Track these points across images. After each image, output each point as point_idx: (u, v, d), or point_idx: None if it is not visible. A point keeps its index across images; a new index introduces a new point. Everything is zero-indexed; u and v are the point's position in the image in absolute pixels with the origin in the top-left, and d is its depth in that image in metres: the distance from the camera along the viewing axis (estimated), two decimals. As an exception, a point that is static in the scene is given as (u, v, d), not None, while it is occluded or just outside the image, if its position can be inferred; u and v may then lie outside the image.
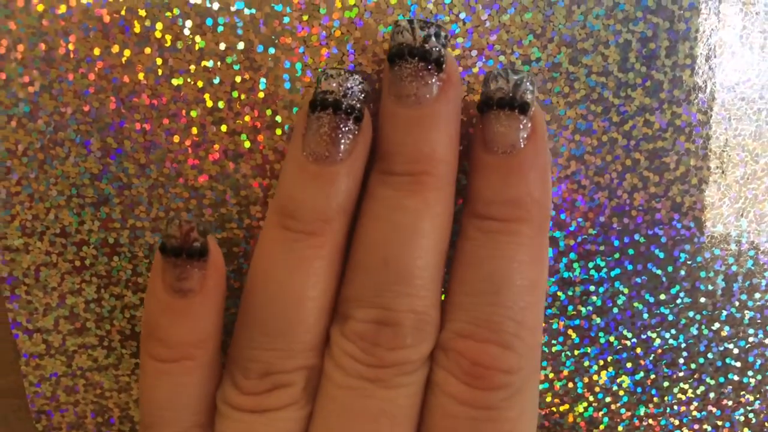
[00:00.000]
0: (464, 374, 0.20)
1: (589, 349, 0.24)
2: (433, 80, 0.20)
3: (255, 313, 0.20)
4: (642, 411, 0.25)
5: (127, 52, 0.22)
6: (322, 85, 0.20)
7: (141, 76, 0.22)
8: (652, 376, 0.25)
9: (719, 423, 0.25)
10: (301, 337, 0.20)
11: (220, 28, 0.22)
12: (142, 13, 0.22)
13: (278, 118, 0.22)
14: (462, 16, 0.22)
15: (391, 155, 0.20)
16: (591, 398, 0.25)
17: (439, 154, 0.20)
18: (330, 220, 0.20)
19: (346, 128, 0.20)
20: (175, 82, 0.22)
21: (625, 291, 0.24)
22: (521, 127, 0.20)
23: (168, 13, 0.22)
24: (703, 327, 0.24)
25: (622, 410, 0.25)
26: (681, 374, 0.25)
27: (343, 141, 0.20)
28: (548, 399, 0.25)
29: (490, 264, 0.20)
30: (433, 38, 0.20)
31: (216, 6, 0.22)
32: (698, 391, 0.25)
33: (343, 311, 0.21)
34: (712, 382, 0.25)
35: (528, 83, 0.20)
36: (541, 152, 0.20)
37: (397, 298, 0.20)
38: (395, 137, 0.20)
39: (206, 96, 0.22)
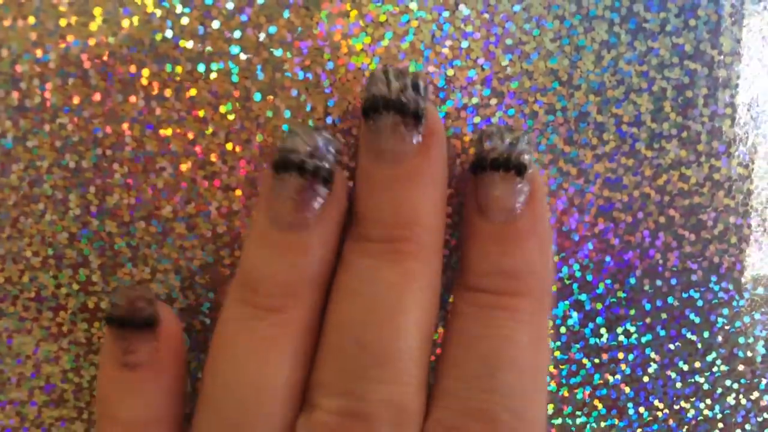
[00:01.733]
0: None
1: (617, 421, 0.23)
2: (412, 135, 0.18)
3: (212, 402, 0.18)
4: (677, 493, 0.23)
5: (110, 101, 0.20)
6: (286, 142, 0.18)
7: (125, 126, 0.20)
8: (688, 454, 0.23)
9: (759, 501, 0.24)
10: (261, 431, 0.18)
11: (214, 75, 0.20)
12: (127, 58, 0.20)
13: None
14: (480, 62, 0.20)
15: (366, 219, 0.18)
16: (621, 480, 0.23)
17: (421, 219, 0.18)
18: (297, 294, 0.18)
19: (314, 191, 0.18)
20: (163, 133, 0.20)
21: (657, 358, 0.23)
22: (518, 190, 0.18)
23: (155, 58, 0.20)
24: (741, 397, 0.23)
25: (656, 492, 0.23)
26: (719, 450, 0.23)
27: (311, 205, 0.18)
28: (574, 481, 0.23)
29: (484, 344, 0.18)
30: (411, 89, 0.18)
31: (209, 50, 0.20)
32: (738, 469, 0.23)
33: (310, 398, 0.18)
34: (753, 459, 0.23)
35: (524, 143, 0.18)
36: (540, 219, 0.19)
37: (372, 386, 0.17)
38: (371, 198, 0.18)
39: (197, 148, 0.21)
